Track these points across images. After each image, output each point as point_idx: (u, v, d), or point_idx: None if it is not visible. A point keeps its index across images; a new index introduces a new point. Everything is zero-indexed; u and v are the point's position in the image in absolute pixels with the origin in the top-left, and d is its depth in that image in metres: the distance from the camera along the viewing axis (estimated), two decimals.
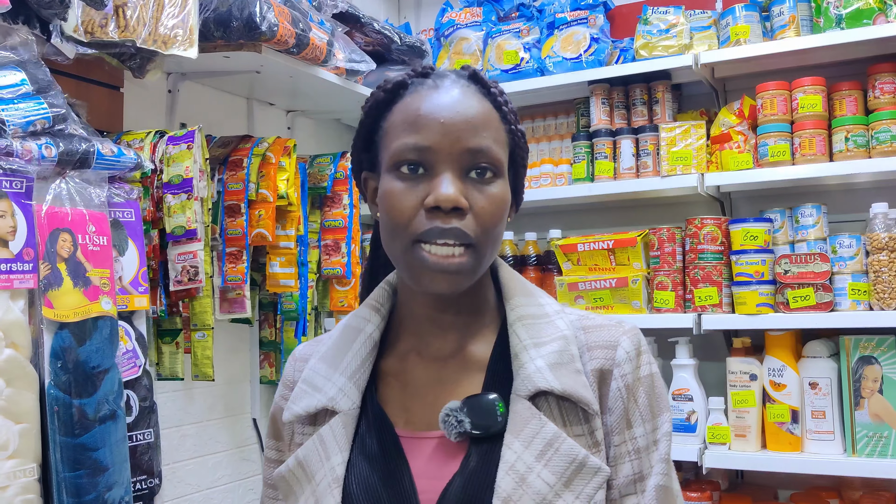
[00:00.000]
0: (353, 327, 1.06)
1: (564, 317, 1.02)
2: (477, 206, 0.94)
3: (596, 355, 0.98)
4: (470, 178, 0.95)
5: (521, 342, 0.98)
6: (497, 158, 0.96)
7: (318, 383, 1.02)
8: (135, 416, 1.78)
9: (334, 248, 2.55)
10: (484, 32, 2.94)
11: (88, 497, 1.57)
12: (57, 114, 1.62)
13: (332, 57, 2.28)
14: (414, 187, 0.94)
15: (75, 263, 1.61)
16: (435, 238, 0.92)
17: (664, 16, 2.65)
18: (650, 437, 0.96)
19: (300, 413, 1.02)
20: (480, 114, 0.96)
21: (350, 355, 1.03)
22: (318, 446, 0.99)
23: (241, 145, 2.26)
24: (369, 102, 1.03)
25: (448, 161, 0.93)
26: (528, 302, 1.03)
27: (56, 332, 1.57)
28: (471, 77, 1.01)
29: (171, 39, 1.85)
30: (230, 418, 2.52)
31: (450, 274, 0.93)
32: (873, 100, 2.38)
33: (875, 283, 2.21)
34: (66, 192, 1.63)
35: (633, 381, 0.97)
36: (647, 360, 1.00)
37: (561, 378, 0.94)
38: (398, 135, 0.96)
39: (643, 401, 0.97)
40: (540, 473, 0.90)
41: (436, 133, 0.93)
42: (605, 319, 1.03)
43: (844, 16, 2.37)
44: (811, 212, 2.39)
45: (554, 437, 0.92)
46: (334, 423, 0.99)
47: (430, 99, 0.96)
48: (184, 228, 1.93)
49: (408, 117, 0.96)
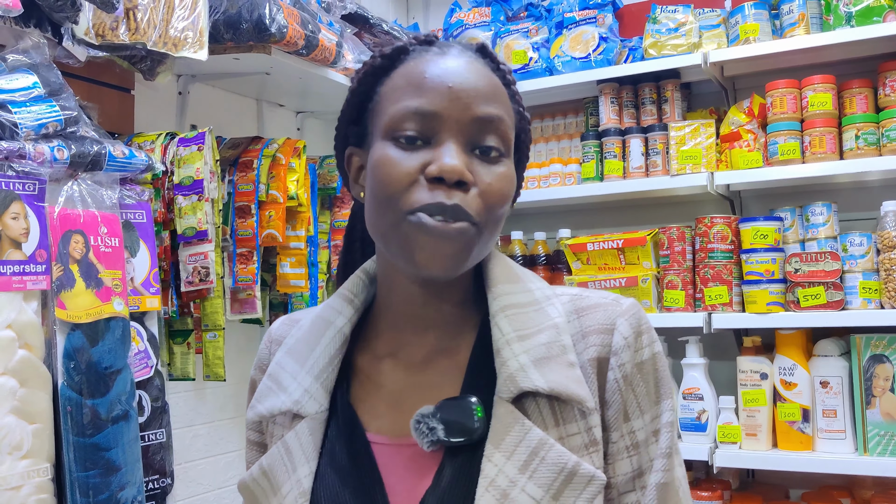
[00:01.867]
0: (324, 319, 0.95)
1: (556, 301, 0.90)
2: (483, 183, 0.83)
3: (592, 342, 0.86)
4: (474, 154, 0.85)
5: (504, 336, 0.85)
6: (506, 133, 0.87)
7: (284, 381, 0.92)
8: (147, 417, 1.79)
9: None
10: (493, 32, 2.95)
11: (101, 497, 1.58)
12: (69, 116, 1.63)
13: (341, 58, 2.29)
14: (412, 156, 0.83)
15: (87, 265, 1.63)
16: (435, 214, 0.81)
17: (673, 14, 2.65)
18: (649, 429, 0.86)
19: (264, 414, 0.92)
20: (491, 84, 0.87)
21: (318, 351, 0.92)
22: (284, 455, 0.89)
23: (252, 146, 2.27)
24: (364, 69, 0.92)
25: (454, 130, 0.83)
26: (515, 289, 0.90)
27: (69, 333, 1.58)
28: (479, 50, 0.91)
29: (181, 42, 1.86)
30: (241, 418, 2.53)
31: (450, 242, 0.81)
32: (884, 97, 2.37)
33: (886, 281, 2.21)
34: (79, 194, 1.65)
35: (632, 369, 0.86)
36: (648, 340, 0.88)
37: (548, 375, 0.82)
38: (399, 98, 0.85)
39: (642, 389, 0.86)
40: (525, 487, 0.79)
41: (443, 97, 0.83)
42: (600, 297, 0.90)
43: (854, 13, 2.37)
44: (822, 210, 2.38)
45: (539, 445, 0.80)
46: (300, 429, 0.89)
47: (437, 63, 0.86)
48: (195, 229, 1.94)
49: (412, 80, 0.85)
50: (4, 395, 1.46)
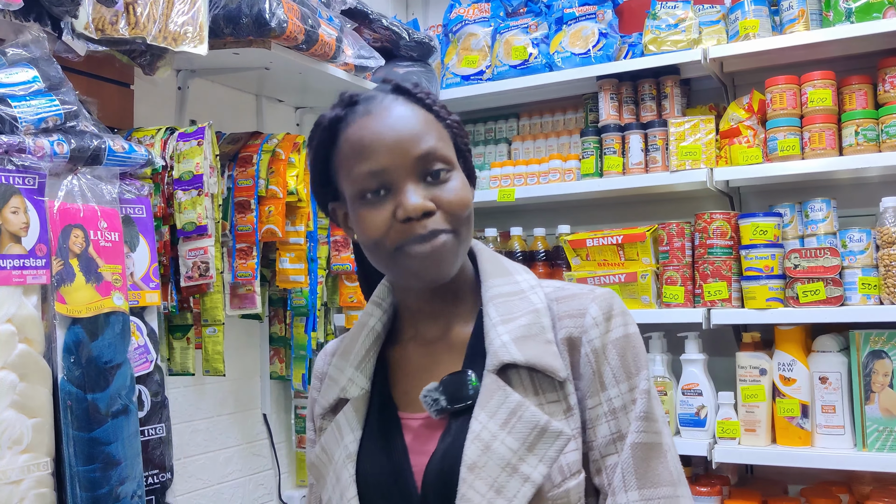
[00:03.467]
0: (361, 322, 1.16)
1: (539, 291, 1.08)
2: (443, 203, 1.00)
3: (565, 324, 1.04)
4: (428, 181, 1.01)
5: (491, 320, 1.04)
6: (445, 154, 1.03)
7: (336, 376, 1.13)
8: (147, 411, 1.79)
9: (344, 245, 2.56)
10: (492, 28, 2.94)
11: (101, 491, 1.58)
12: (69, 110, 1.63)
13: (340, 53, 2.29)
14: (382, 206, 1.00)
15: (87, 259, 1.62)
16: (416, 245, 0.99)
17: (673, 10, 2.65)
18: (626, 397, 1.00)
19: (325, 406, 1.13)
20: (416, 122, 1.02)
21: (357, 347, 1.13)
22: (335, 431, 1.10)
23: (251, 142, 2.26)
24: (313, 143, 1.09)
25: (405, 174, 1.00)
26: (504, 281, 1.09)
27: (69, 328, 1.58)
28: (395, 90, 1.07)
29: (181, 36, 1.86)
30: (240, 414, 2.53)
31: (438, 259, 1.00)
32: (883, 94, 2.37)
33: (885, 277, 2.21)
34: (78, 189, 1.64)
35: (602, 344, 1.01)
36: (620, 322, 1.03)
37: (526, 350, 1.00)
38: (352, 166, 1.02)
39: (615, 362, 1.01)
40: (504, 440, 0.96)
41: (385, 154, 1.00)
42: (578, 289, 1.08)
43: (854, 10, 2.37)
44: (821, 206, 2.38)
45: (517, 406, 0.98)
46: (346, 408, 1.10)
47: (369, 125, 1.02)
48: (194, 224, 1.94)
49: (354, 148, 1.02)
50: (4, 389, 1.46)
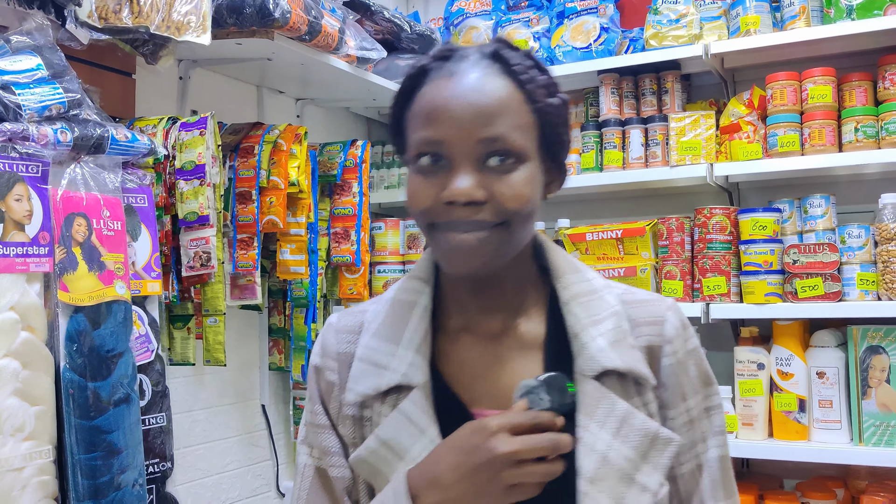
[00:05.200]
0: (405, 301, 1.04)
1: (611, 291, 1.03)
2: (497, 195, 0.92)
3: (644, 332, 1.00)
4: (490, 166, 0.92)
5: (580, 321, 0.98)
6: (516, 144, 0.93)
7: (382, 361, 1.00)
8: (148, 400, 1.79)
9: (343, 236, 2.56)
10: (493, 21, 2.94)
11: (103, 479, 1.58)
12: (72, 99, 1.63)
13: (343, 44, 2.29)
14: (432, 179, 0.94)
15: (90, 248, 1.63)
16: (451, 230, 0.93)
17: (674, 6, 2.65)
18: (701, 407, 1.00)
19: (367, 393, 0.99)
20: (496, 100, 0.93)
21: (410, 329, 1.01)
22: (405, 422, 0.97)
23: (253, 132, 2.26)
24: (397, 91, 1.02)
25: (463, 153, 0.92)
26: (578, 279, 1.03)
27: (71, 316, 1.58)
28: (493, 55, 0.96)
29: (184, 26, 1.86)
30: (240, 404, 2.54)
31: (470, 255, 0.92)
32: (883, 91, 2.38)
33: (884, 273, 2.22)
34: (81, 177, 1.64)
35: (684, 355, 1.00)
36: (692, 333, 1.03)
37: (622, 355, 0.96)
38: (415, 128, 0.96)
39: (693, 373, 1.00)
40: (619, 450, 0.92)
41: (448, 127, 0.92)
42: (646, 294, 1.05)
43: (855, 6, 2.37)
44: (820, 202, 2.39)
45: (626, 414, 0.94)
46: (415, 397, 0.97)
47: (444, 89, 0.94)
48: (196, 214, 1.94)
49: (423, 109, 0.95)
50: (7, 377, 1.46)
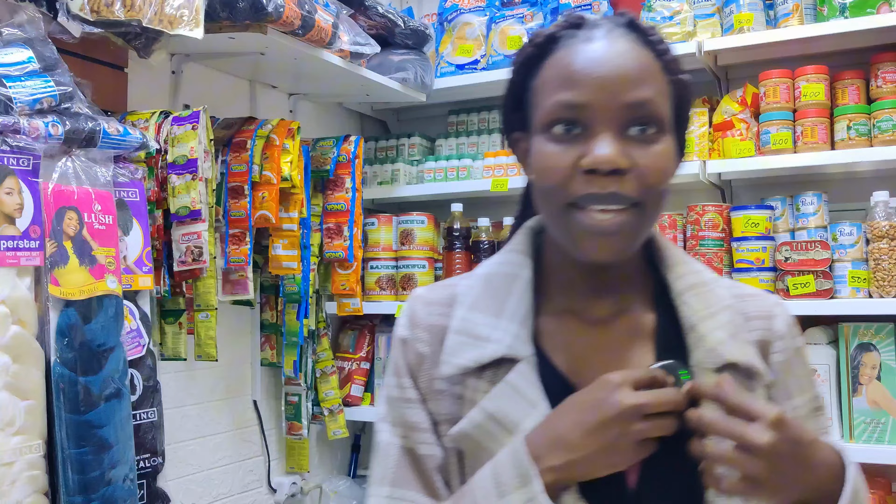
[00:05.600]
0: (505, 274, 0.99)
1: (720, 284, 0.99)
2: (640, 165, 0.86)
3: (755, 326, 0.97)
4: (631, 135, 0.87)
5: (697, 313, 0.95)
6: (660, 112, 0.88)
7: (482, 332, 0.94)
8: (139, 395, 1.79)
9: (336, 232, 2.56)
10: (487, 17, 2.94)
11: (93, 474, 1.58)
12: (63, 92, 1.62)
13: (336, 39, 2.28)
14: (568, 148, 0.87)
15: (81, 242, 1.62)
16: (591, 204, 0.86)
17: (668, 3, 2.65)
18: (809, 406, 0.97)
19: (467, 365, 0.93)
20: (640, 65, 0.88)
21: (513, 302, 0.96)
22: (514, 395, 0.91)
23: (245, 127, 2.26)
24: (518, 59, 0.96)
25: (606, 118, 0.86)
26: (689, 269, 0.99)
27: (62, 310, 1.57)
28: (628, 25, 0.93)
29: (176, 20, 1.85)
30: (231, 400, 2.53)
31: (610, 236, 0.87)
32: (875, 89, 2.39)
33: (875, 270, 2.23)
34: (73, 171, 1.64)
35: (792, 352, 0.97)
36: (798, 331, 1.00)
37: (741, 349, 0.93)
38: (550, 92, 0.89)
39: (800, 371, 0.98)
40: None
41: (591, 89, 0.86)
42: (751, 289, 1.02)
43: (848, 4, 2.38)
44: (812, 200, 2.40)
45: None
46: (522, 370, 0.91)
47: (584, 52, 0.88)
48: (188, 209, 1.93)
49: (560, 73, 0.89)
50: None
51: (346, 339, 2.95)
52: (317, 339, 2.67)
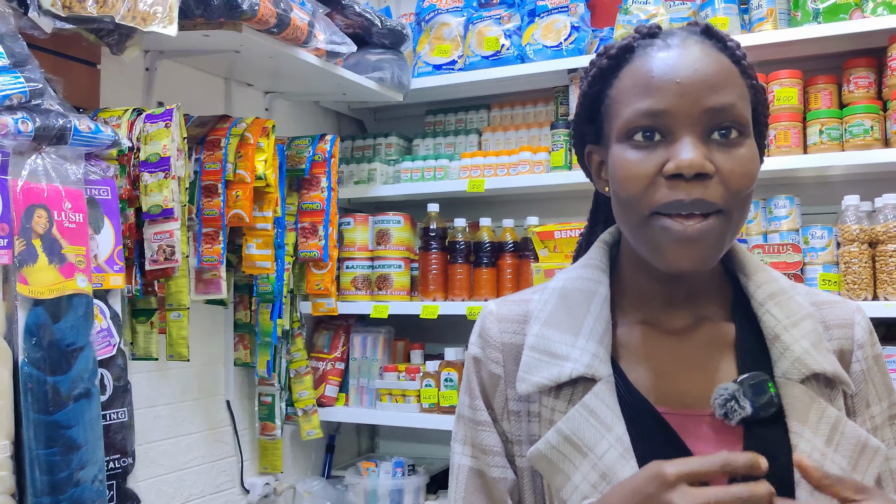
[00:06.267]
0: (581, 290, 0.97)
1: (798, 292, 0.97)
2: (724, 170, 0.85)
3: (835, 335, 0.96)
4: (713, 140, 0.86)
5: (780, 322, 0.93)
6: (742, 115, 0.88)
7: (559, 350, 0.93)
8: (109, 395, 1.77)
9: (311, 231, 2.55)
10: (465, 18, 2.94)
11: (61, 475, 1.56)
12: (34, 88, 1.60)
13: (312, 38, 2.27)
14: (650, 155, 0.86)
15: (51, 240, 1.60)
16: (677, 211, 0.84)
17: (644, 6, 2.66)
18: (885, 414, 0.96)
19: (545, 384, 0.92)
20: (719, 69, 0.88)
21: (591, 319, 0.94)
22: (589, 417, 0.89)
23: (219, 125, 2.24)
24: (592, 71, 0.96)
25: (688, 124, 0.85)
26: (768, 277, 0.97)
27: (30, 309, 1.55)
28: (703, 32, 0.92)
29: (150, 16, 1.83)
30: (204, 400, 2.51)
31: (696, 244, 0.84)
32: (848, 94, 2.41)
33: (846, 273, 2.25)
34: (43, 168, 1.62)
35: (872, 360, 0.96)
36: (876, 338, 0.99)
37: (826, 359, 0.91)
38: (629, 101, 0.89)
39: (879, 380, 0.97)
40: (833, 459, 0.87)
41: (672, 95, 0.86)
42: (830, 296, 1.01)
43: (821, 10, 2.40)
44: (784, 203, 2.42)
45: (837, 421, 0.89)
46: (599, 391, 0.90)
47: (662, 59, 0.88)
48: (160, 207, 1.92)
49: (639, 81, 0.89)
50: None
51: (320, 339, 2.94)
52: (291, 339, 2.66)
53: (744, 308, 0.97)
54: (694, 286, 0.96)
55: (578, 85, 1.00)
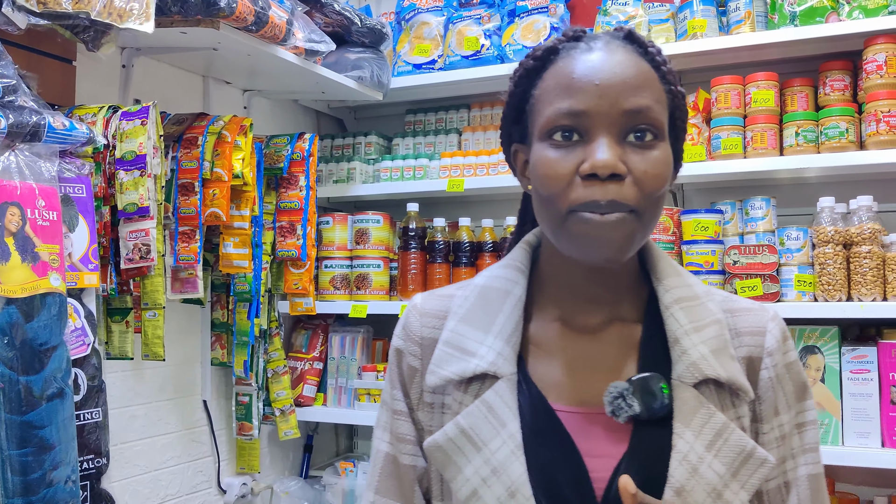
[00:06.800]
0: (498, 289, 1.01)
1: (712, 298, 1.00)
2: (637, 171, 0.88)
3: (745, 342, 0.97)
4: (629, 141, 0.89)
5: (682, 326, 0.95)
6: (658, 119, 0.91)
7: (469, 347, 0.97)
8: (83, 395, 1.76)
9: (289, 230, 2.54)
10: (445, 18, 2.94)
11: (34, 475, 1.54)
12: (7, 85, 1.59)
13: (291, 36, 2.26)
14: (568, 154, 0.89)
15: (24, 238, 1.58)
16: (591, 210, 0.87)
17: (623, 7, 2.68)
18: (793, 423, 0.97)
19: (451, 378, 0.96)
20: (638, 73, 0.91)
21: (502, 318, 0.98)
22: (487, 413, 0.93)
23: (197, 123, 2.22)
24: (518, 71, 0.99)
25: (605, 125, 0.88)
26: (680, 282, 1.00)
27: (3, 308, 1.54)
28: (626, 37, 0.96)
29: (126, 13, 1.81)
30: (180, 399, 2.50)
31: (610, 240, 0.88)
32: (823, 96, 2.43)
33: (820, 275, 2.27)
34: (16, 166, 1.60)
35: (782, 368, 0.97)
36: (791, 345, 1.00)
37: (724, 365, 0.93)
38: (551, 101, 0.92)
39: (789, 388, 0.98)
40: (711, 464, 0.89)
41: (591, 96, 0.89)
42: (748, 302, 1.02)
43: (798, 13, 2.42)
44: (761, 204, 2.44)
45: (723, 427, 0.91)
46: (500, 388, 0.94)
47: (584, 61, 0.91)
48: (136, 205, 1.90)
49: (560, 81, 0.92)
50: None
51: (298, 339, 2.93)
52: (268, 339, 2.64)
53: (655, 311, 0.99)
54: (611, 285, 0.99)
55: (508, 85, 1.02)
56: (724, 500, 0.88)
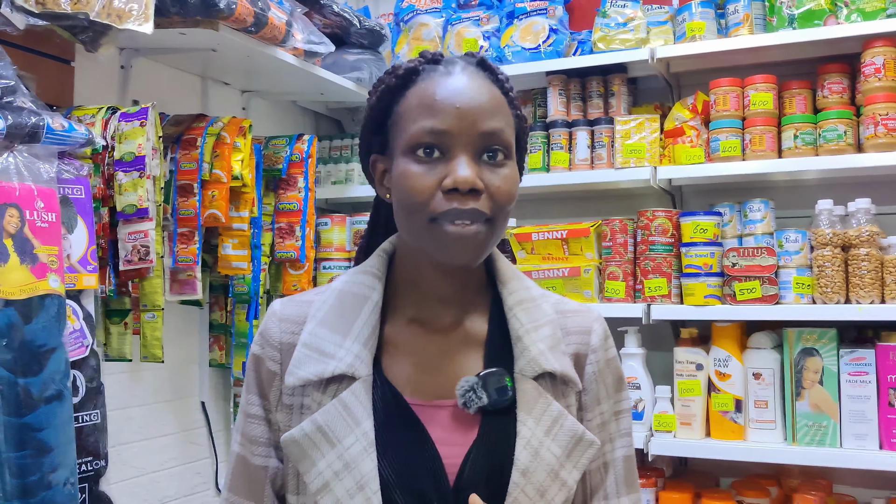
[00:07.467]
0: (356, 294, 1.08)
1: (547, 300, 1.12)
2: (492, 187, 0.99)
3: (573, 340, 1.09)
4: (483, 160, 1.00)
5: (523, 326, 1.06)
6: (508, 140, 1.02)
7: (328, 349, 1.03)
8: (81, 397, 1.75)
9: (288, 232, 2.54)
10: (444, 19, 2.94)
11: (32, 478, 1.54)
12: (5, 85, 1.58)
13: (290, 37, 2.26)
14: (431, 170, 0.98)
15: (22, 240, 1.58)
16: (453, 219, 0.97)
17: (622, 9, 2.68)
18: (611, 411, 1.10)
19: (310, 378, 1.02)
20: (492, 98, 1.01)
21: (360, 322, 1.05)
22: (343, 412, 1.00)
23: (196, 124, 2.22)
24: (380, 87, 1.06)
25: (464, 144, 0.98)
26: (521, 286, 1.11)
27: (1, 310, 1.53)
28: (479, 64, 1.06)
29: (125, 14, 1.81)
30: (178, 401, 2.49)
31: (469, 243, 0.98)
32: (822, 99, 2.44)
33: (818, 277, 2.27)
34: (14, 167, 1.59)
35: (604, 364, 1.10)
36: (611, 343, 1.13)
37: (558, 360, 1.05)
38: (415, 119, 1.00)
39: (609, 380, 1.10)
40: (550, 448, 1.00)
41: (452, 117, 0.98)
42: (576, 305, 1.14)
43: (797, 16, 2.43)
44: (759, 207, 2.44)
45: (559, 415, 1.02)
46: (356, 389, 1.01)
47: (445, 84, 1.00)
48: (135, 207, 1.90)
49: (423, 101, 1.00)
50: None
51: None
52: None
53: (499, 312, 1.10)
54: (461, 288, 1.09)
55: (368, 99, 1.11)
56: (560, 479, 1.00)
